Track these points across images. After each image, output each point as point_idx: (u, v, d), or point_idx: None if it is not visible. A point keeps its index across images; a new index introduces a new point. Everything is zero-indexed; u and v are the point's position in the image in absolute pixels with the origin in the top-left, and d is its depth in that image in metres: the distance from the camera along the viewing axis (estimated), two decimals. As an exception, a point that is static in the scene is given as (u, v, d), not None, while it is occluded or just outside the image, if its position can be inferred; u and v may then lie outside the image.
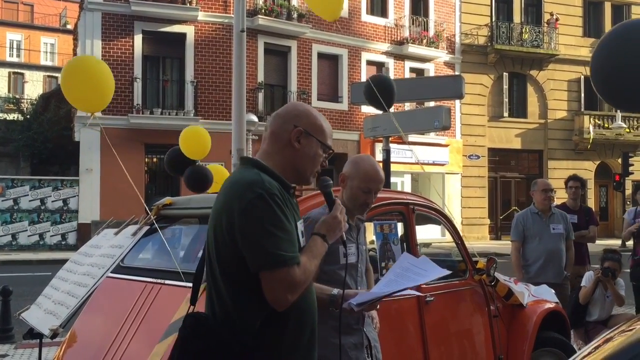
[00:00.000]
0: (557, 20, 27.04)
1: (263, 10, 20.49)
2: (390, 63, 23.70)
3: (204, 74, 20.26)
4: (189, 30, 20.19)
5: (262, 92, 20.90)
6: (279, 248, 1.89)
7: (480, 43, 25.97)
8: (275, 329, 1.97)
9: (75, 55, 19.99)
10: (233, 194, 1.97)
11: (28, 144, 21.90)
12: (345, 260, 2.60)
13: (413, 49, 23.85)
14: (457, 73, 24.18)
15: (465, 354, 3.96)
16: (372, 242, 3.59)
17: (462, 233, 4.59)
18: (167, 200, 3.78)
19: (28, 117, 23.77)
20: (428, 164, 23.84)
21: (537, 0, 27.53)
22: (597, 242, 6.84)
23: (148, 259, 3.81)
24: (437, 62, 24.86)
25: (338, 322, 2.52)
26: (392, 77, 21.99)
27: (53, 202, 19.16)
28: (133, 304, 3.09)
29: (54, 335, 3.27)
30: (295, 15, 21.30)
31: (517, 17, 26.86)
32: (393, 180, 18.94)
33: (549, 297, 4.80)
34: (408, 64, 24.31)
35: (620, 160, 24.37)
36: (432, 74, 23.79)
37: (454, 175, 25.16)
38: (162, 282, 3.09)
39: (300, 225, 2.09)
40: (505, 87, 26.40)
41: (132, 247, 3.62)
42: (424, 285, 3.33)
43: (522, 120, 26.87)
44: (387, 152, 7.16)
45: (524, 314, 4.39)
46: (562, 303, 5.03)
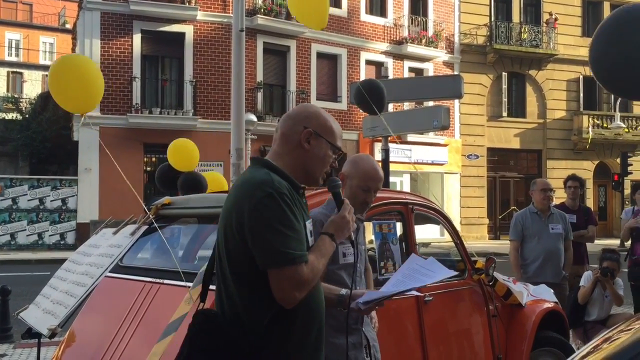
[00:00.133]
0: (556, 20, 27.05)
1: (262, 10, 20.48)
2: (390, 63, 23.71)
3: (203, 74, 20.26)
4: (188, 30, 20.18)
5: (261, 91, 20.90)
6: (288, 246, 1.92)
7: (479, 43, 25.97)
8: (283, 327, 2.00)
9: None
10: (243, 193, 2.00)
11: (27, 144, 21.88)
12: (355, 258, 2.63)
13: (412, 49, 23.86)
14: (456, 73, 24.20)
15: (464, 354, 3.96)
16: (371, 241, 3.58)
17: (461, 233, 4.60)
18: (165, 200, 3.78)
19: (27, 116, 23.75)
20: (426, 164, 23.85)
21: (536, 0, 27.54)
22: (595, 241, 6.84)
23: (147, 259, 3.81)
24: (436, 61, 24.87)
25: (337, 321, 2.53)
26: (391, 76, 22.01)
27: (52, 201, 19.15)
28: (132, 304, 3.09)
29: (53, 335, 3.26)
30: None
31: (516, 16, 26.87)
32: (392, 180, 18.95)
33: (548, 296, 4.80)
34: (407, 64, 24.31)
35: (619, 160, 24.38)
36: (431, 74, 23.79)
37: (453, 175, 25.16)
38: (160, 281, 3.09)
39: (309, 225, 2.12)
40: (504, 86, 26.42)
41: (130, 246, 3.62)
42: (423, 285, 3.32)
43: (521, 120, 26.88)
44: (386, 151, 7.17)
45: (523, 314, 4.39)
46: (560, 303, 5.03)
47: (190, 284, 2.83)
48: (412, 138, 22.43)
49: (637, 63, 2.59)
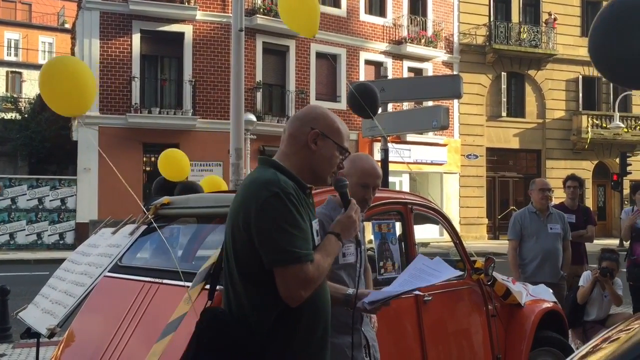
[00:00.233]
0: (555, 20, 27.07)
1: (261, 10, 20.48)
2: (389, 62, 23.71)
3: (203, 74, 20.25)
4: (187, 30, 20.17)
5: (260, 91, 20.89)
6: (293, 245, 1.95)
7: (479, 43, 25.98)
8: (289, 326, 2.03)
9: (73, 55, 19.98)
10: (250, 193, 2.03)
11: (26, 143, 21.87)
12: (359, 258, 2.64)
13: (411, 49, 23.86)
14: (455, 73, 24.19)
15: (463, 354, 3.96)
16: (370, 241, 3.58)
17: (460, 233, 4.60)
18: (165, 200, 3.77)
19: (26, 116, 23.75)
20: (425, 164, 23.85)
21: (535, 0, 27.55)
22: (594, 241, 6.85)
23: (146, 259, 3.80)
24: (435, 61, 24.87)
25: (337, 321, 2.53)
26: (390, 76, 22.02)
27: (51, 201, 19.14)
28: (131, 304, 3.08)
29: (52, 335, 3.26)
30: (294, 15, 21.28)
31: (515, 16, 26.88)
32: (391, 180, 18.95)
33: (547, 296, 4.81)
34: (406, 64, 24.31)
35: (618, 160, 24.39)
36: (430, 74, 23.80)
37: (452, 175, 25.17)
38: (160, 281, 3.08)
39: (315, 224, 2.14)
40: (504, 86, 26.43)
41: (129, 246, 3.61)
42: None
43: (520, 120, 26.89)
44: (385, 151, 7.17)
45: (522, 314, 4.39)
46: (558, 303, 5.04)
47: (190, 284, 2.83)
48: (411, 138, 22.46)
49: (637, 50, 2.57)
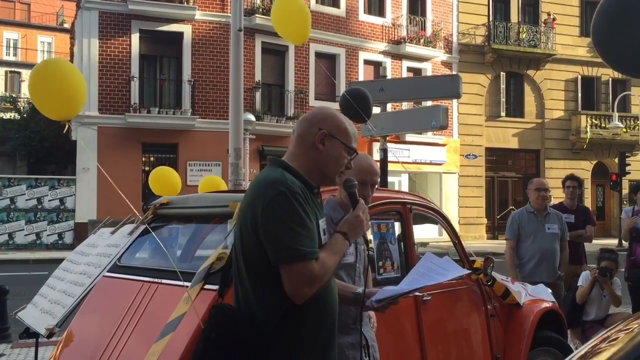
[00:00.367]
0: (554, 20, 27.08)
1: (260, 10, 20.46)
2: (388, 62, 23.70)
3: (202, 73, 20.25)
4: (187, 30, 20.17)
5: (259, 91, 20.89)
6: (299, 243, 1.98)
7: (478, 43, 25.99)
8: (295, 323, 2.06)
9: (72, 55, 19.96)
10: (257, 192, 2.07)
11: (25, 143, 21.84)
12: (358, 257, 2.65)
13: (410, 49, 23.86)
14: (454, 73, 24.20)
15: (463, 353, 3.96)
16: (369, 241, 3.58)
17: (459, 232, 4.60)
18: (164, 200, 3.77)
19: (25, 116, 23.72)
20: (424, 164, 23.85)
21: (534, 0, 27.56)
22: (593, 241, 6.85)
23: (145, 258, 3.80)
24: (434, 61, 24.88)
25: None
26: (389, 76, 22.00)
27: (50, 201, 19.13)
28: (130, 304, 3.08)
29: (51, 335, 3.26)
30: (293, 15, 21.27)
31: (514, 16, 26.88)
32: (390, 180, 18.95)
33: (546, 296, 4.81)
34: (405, 64, 24.32)
35: (617, 160, 24.41)
36: (429, 74, 23.79)
37: (452, 175, 25.18)
38: (159, 281, 3.08)
39: (322, 223, 2.16)
40: (503, 86, 26.43)
41: (128, 246, 3.61)
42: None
43: (519, 120, 26.90)
44: (384, 151, 7.16)
45: (521, 314, 4.39)
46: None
47: (189, 284, 2.83)
48: (410, 138, 22.47)
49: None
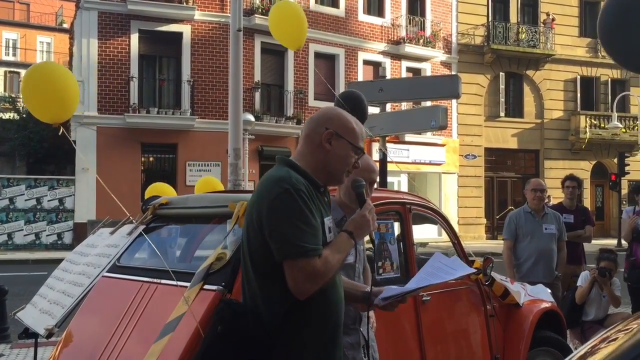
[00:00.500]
0: (553, 20, 27.10)
1: (260, 10, 20.47)
2: (387, 63, 23.70)
3: (201, 74, 20.24)
4: (186, 30, 20.16)
5: (258, 91, 20.88)
6: (302, 240, 2.01)
7: (477, 43, 26.00)
8: (298, 320, 2.09)
9: (71, 55, 19.96)
10: (263, 190, 2.12)
11: (24, 143, 21.83)
12: (360, 255, 2.70)
13: (410, 49, 23.87)
14: (453, 73, 24.20)
15: (462, 354, 3.96)
16: (369, 241, 3.58)
17: (458, 233, 4.60)
18: (163, 200, 3.76)
19: (24, 116, 23.68)
20: (423, 164, 23.86)
21: (533, 1, 27.57)
22: (593, 241, 6.85)
23: (144, 259, 3.79)
24: (433, 61, 24.89)
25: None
26: (388, 76, 22.00)
27: (49, 201, 19.12)
28: (129, 304, 3.08)
29: (50, 335, 3.25)
30: (292, 15, 21.26)
31: (513, 17, 26.90)
32: (390, 180, 18.95)
33: (545, 296, 4.81)
34: (405, 64, 24.32)
35: (616, 160, 24.43)
36: (428, 74, 23.79)
37: (451, 175, 25.18)
38: (158, 281, 3.08)
39: (328, 222, 2.19)
40: (502, 87, 26.45)
41: (128, 246, 3.61)
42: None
43: (518, 120, 26.91)
44: (383, 152, 7.16)
45: (520, 314, 4.40)
46: (554, 303, 5.04)
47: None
48: (409, 138, 22.47)
49: None
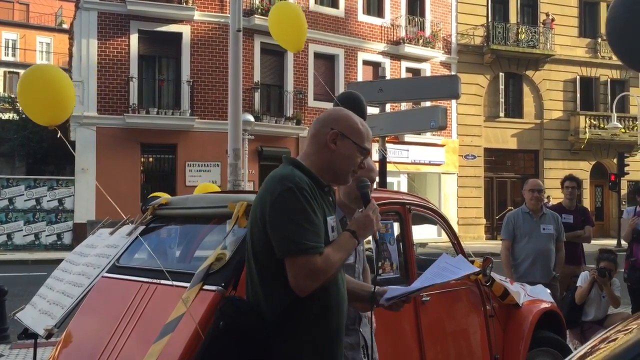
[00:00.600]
0: (552, 21, 27.11)
1: (259, 10, 20.47)
2: (387, 63, 23.70)
3: (200, 74, 20.24)
4: (185, 30, 20.16)
5: (258, 91, 20.88)
6: (303, 237, 2.03)
7: (477, 43, 26.00)
8: (297, 317, 2.11)
9: (71, 55, 19.95)
10: (267, 188, 2.15)
11: (23, 144, 21.83)
12: (360, 255, 2.69)
13: (409, 49, 23.87)
14: (453, 73, 24.20)
15: (462, 354, 3.96)
16: (368, 242, 3.58)
17: (458, 233, 4.60)
18: (162, 200, 3.76)
19: (23, 116, 23.63)
20: (423, 164, 23.86)
21: (533, 1, 27.58)
22: (592, 242, 6.85)
23: (143, 259, 3.79)
24: (433, 62, 24.89)
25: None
26: (388, 77, 22.00)
27: (48, 201, 19.11)
28: (128, 304, 3.08)
29: (49, 336, 3.25)
30: (292, 15, 21.26)
31: (513, 17, 26.90)
32: (389, 181, 18.95)
33: (545, 297, 4.81)
34: (404, 64, 24.33)
35: (616, 161, 24.43)
36: (428, 74, 23.80)
37: (450, 175, 25.18)
38: (157, 282, 3.07)
39: (332, 221, 2.20)
40: (501, 87, 26.45)
41: (127, 247, 3.60)
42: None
43: (518, 121, 26.92)
44: (383, 152, 7.15)
45: (520, 314, 4.40)
46: (553, 303, 5.04)
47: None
48: (409, 138, 22.47)
49: None
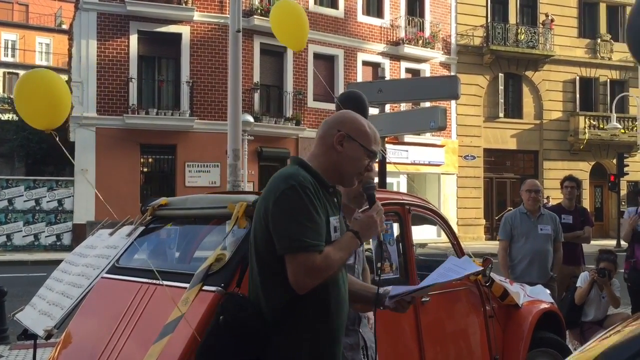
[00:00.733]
0: (552, 21, 27.13)
1: (259, 11, 20.47)
2: (386, 64, 23.69)
3: (200, 74, 20.24)
4: (185, 31, 20.16)
5: (257, 92, 20.89)
6: (303, 235, 2.05)
7: (476, 44, 26.01)
8: (296, 315, 2.12)
9: (70, 56, 19.95)
10: (271, 186, 2.18)
11: (23, 144, 21.84)
12: (359, 256, 2.71)
13: (409, 50, 23.87)
14: (452, 74, 24.21)
15: (461, 354, 3.96)
16: (367, 242, 3.58)
17: (457, 233, 4.60)
18: (162, 201, 3.76)
19: (23, 117, 23.70)
20: (422, 165, 23.86)
21: (532, 1, 27.60)
22: (592, 242, 6.85)
23: (143, 260, 3.79)
24: (432, 62, 24.89)
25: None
26: (387, 77, 22.00)
27: (48, 202, 19.11)
28: (128, 305, 3.08)
29: (49, 336, 3.25)
30: (291, 16, 21.26)
31: (512, 18, 26.92)
32: (389, 181, 18.95)
33: (545, 297, 4.81)
34: (404, 65, 24.33)
35: (615, 161, 24.44)
36: (427, 75, 23.81)
37: (450, 176, 25.19)
38: (157, 282, 3.07)
39: (335, 221, 2.21)
40: (501, 87, 26.46)
41: (127, 247, 3.60)
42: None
43: (517, 121, 26.93)
44: (382, 153, 7.16)
45: (520, 314, 4.40)
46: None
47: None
48: (408, 139, 22.46)
49: None
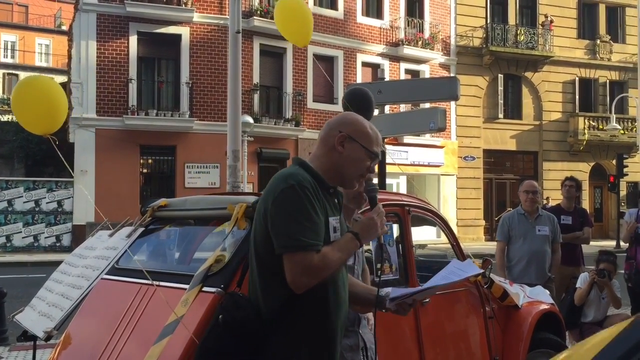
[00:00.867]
0: (551, 22, 27.14)
1: (258, 12, 20.48)
2: (386, 64, 23.70)
3: (200, 75, 20.24)
4: (184, 32, 20.17)
5: (257, 93, 20.89)
6: (301, 234, 2.06)
7: (476, 45, 26.02)
8: (294, 314, 2.13)
9: (70, 57, 19.94)
10: (271, 186, 2.19)
11: (22, 145, 21.83)
12: (359, 257, 2.70)
13: (408, 51, 23.88)
14: (452, 75, 24.22)
15: (461, 355, 3.96)
16: (367, 243, 3.58)
17: (457, 234, 4.60)
18: (162, 202, 3.76)
19: (22, 118, 23.68)
20: (422, 166, 23.86)
21: (532, 2, 27.62)
22: (591, 243, 6.85)
23: (143, 261, 3.79)
24: (432, 63, 24.90)
25: None
26: (387, 78, 22.00)
27: (47, 203, 19.10)
28: (128, 306, 3.08)
29: (48, 338, 3.24)
30: (291, 17, 21.26)
31: (512, 19, 26.94)
32: (388, 182, 18.94)
33: (544, 298, 4.81)
34: (403, 66, 24.34)
35: (615, 162, 24.44)
36: (427, 76, 23.83)
37: (449, 177, 25.19)
38: (157, 283, 3.07)
39: (334, 222, 2.21)
40: (500, 88, 26.46)
41: (126, 248, 3.60)
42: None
43: (517, 122, 26.94)
44: (382, 153, 7.16)
45: (519, 315, 4.40)
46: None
47: (186, 286, 2.82)
48: (408, 140, 22.48)
49: None
